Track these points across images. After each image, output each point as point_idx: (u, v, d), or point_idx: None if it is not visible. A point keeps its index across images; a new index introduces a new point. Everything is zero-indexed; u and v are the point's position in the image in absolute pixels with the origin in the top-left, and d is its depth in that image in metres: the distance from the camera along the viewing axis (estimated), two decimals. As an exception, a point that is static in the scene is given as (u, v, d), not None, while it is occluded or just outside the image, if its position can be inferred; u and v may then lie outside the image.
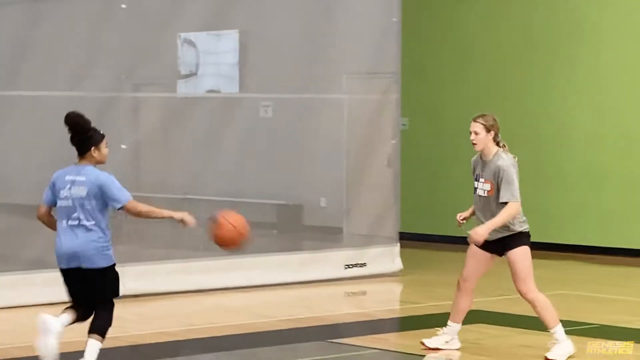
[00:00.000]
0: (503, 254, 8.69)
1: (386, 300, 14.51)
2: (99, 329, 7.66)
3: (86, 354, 7.59)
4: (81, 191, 7.61)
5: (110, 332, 8.23)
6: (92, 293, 7.71)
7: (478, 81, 18.67)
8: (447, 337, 8.92)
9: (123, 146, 13.62)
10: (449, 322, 9.00)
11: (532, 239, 10.69)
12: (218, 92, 16.24)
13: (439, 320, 10.81)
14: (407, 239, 18.21)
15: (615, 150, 17.24)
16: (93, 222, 7.62)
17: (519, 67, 18.09)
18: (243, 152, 15.61)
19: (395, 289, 15.27)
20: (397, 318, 13.10)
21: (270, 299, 13.67)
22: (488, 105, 17.20)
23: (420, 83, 19.21)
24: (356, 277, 15.11)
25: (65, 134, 8.20)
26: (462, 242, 18.62)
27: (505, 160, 8.54)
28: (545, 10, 17.90)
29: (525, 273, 8.48)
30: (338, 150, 16.15)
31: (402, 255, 16.75)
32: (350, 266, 15.17)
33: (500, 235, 8.55)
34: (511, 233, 8.65)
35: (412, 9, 18.69)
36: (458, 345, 8.99)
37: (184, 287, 13.37)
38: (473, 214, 8.97)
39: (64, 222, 7.62)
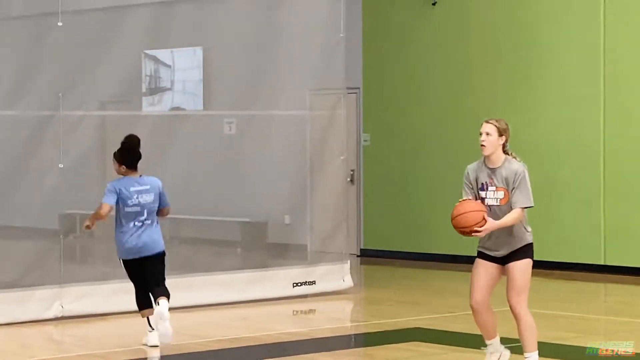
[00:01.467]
0: (505, 264, 8.37)
1: (330, 319, 14.12)
2: (166, 292, 9.80)
3: (163, 310, 9.63)
4: (149, 197, 9.77)
5: (49, 354, 9.95)
6: (157, 272, 9.90)
7: (439, 97, 18.44)
8: (496, 355, 8.61)
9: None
10: (487, 342, 8.64)
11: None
12: (183, 109, 16.50)
13: (378, 338, 11.63)
14: (370, 255, 18.71)
15: (572, 164, 17.08)
16: (154, 220, 9.83)
17: (478, 83, 17.88)
18: (207, 169, 15.63)
19: (344, 306, 14.88)
20: (337, 337, 12.58)
21: (211, 319, 13.39)
22: (448, 121, 18.09)
23: (382, 99, 19.13)
24: (305, 295, 14.94)
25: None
26: (424, 258, 18.87)
27: (521, 165, 8.12)
28: (504, 26, 17.78)
29: (522, 287, 8.18)
30: (302, 167, 16.07)
31: (363, 272, 17.40)
32: (299, 284, 14.94)
33: (512, 250, 8.21)
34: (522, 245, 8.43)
35: (374, 26, 19.04)
36: (508, 353, 8.65)
37: (124, 308, 12.61)
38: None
39: (131, 223, 9.60)
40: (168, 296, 10.06)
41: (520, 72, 17.48)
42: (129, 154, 10.11)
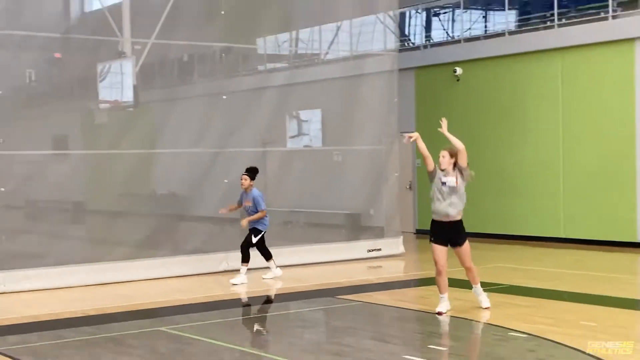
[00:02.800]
0: (456, 246, 10.53)
1: (388, 272, 16.23)
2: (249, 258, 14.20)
3: (241, 275, 13.94)
4: (248, 203, 14.13)
5: (221, 292, 13.19)
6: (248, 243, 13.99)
7: (461, 137, 16.86)
8: (446, 303, 10.59)
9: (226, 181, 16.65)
10: (441, 295, 10.69)
11: (491, 231, 16.73)
12: (310, 146, 19.74)
13: (414, 282, 14.30)
14: (421, 233, 21.05)
15: (536, 173, 19.62)
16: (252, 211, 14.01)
17: (484, 130, 20.40)
18: (325, 183, 18.81)
19: (398, 264, 17.11)
20: (392, 282, 14.62)
21: (319, 271, 15.88)
22: (468, 153, 19.35)
23: (427, 138, 17.97)
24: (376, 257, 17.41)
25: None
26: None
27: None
28: (499, 97, 20.37)
29: (469, 255, 10.59)
30: (378, 180, 18.64)
31: (416, 243, 20.17)
32: (372, 250, 17.60)
33: (455, 220, 10.44)
34: (460, 233, 10.59)
35: (421, 93, 22.19)
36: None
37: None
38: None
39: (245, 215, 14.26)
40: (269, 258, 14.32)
41: (509, 123, 20.17)
42: (255, 174, 14.28)
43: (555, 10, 19.68)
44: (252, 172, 14.26)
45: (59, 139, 17.14)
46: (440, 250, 10.48)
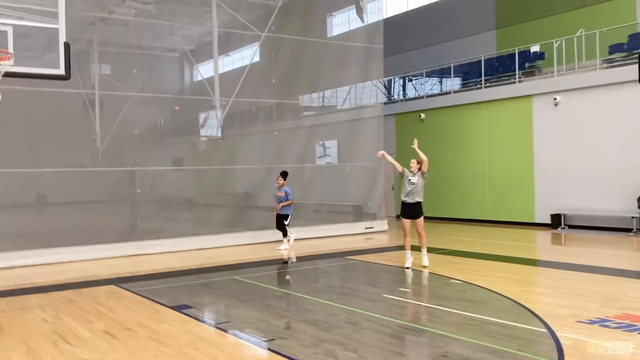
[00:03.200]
0: (416, 218, 10.50)
1: (378, 242, 15.90)
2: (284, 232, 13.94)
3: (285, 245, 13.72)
4: (281, 194, 13.57)
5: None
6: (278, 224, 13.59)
7: (430, 157, 21.28)
8: (410, 259, 10.57)
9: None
10: (408, 252, 10.65)
11: (447, 216, 16.26)
12: (331, 163, 19.79)
13: (394, 248, 14.11)
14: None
15: (471, 178, 19.49)
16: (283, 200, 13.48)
17: (440, 151, 20.11)
18: (339, 186, 18.75)
19: (383, 237, 16.82)
20: (380, 248, 14.84)
21: (331, 242, 15.44)
22: (434, 165, 20.54)
23: (403, 160, 22.49)
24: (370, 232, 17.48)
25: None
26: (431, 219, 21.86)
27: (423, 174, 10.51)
28: (455, 130, 20.08)
29: (423, 228, 10.58)
30: (373, 183, 18.53)
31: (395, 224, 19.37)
32: (368, 228, 17.76)
33: (415, 201, 10.36)
34: (417, 211, 10.42)
35: (400, 130, 21.83)
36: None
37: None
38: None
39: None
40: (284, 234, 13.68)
41: (454, 148, 20.09)
42: (286, 176, 13.81)
43: (483, 77, 19.81)
44: (284, 175, 13.93)
45: (176, 159, 17.43)
46: (405, 222, 10.50)
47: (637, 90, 14.93)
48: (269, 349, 6.15)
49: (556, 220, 17.03)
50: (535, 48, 18.33)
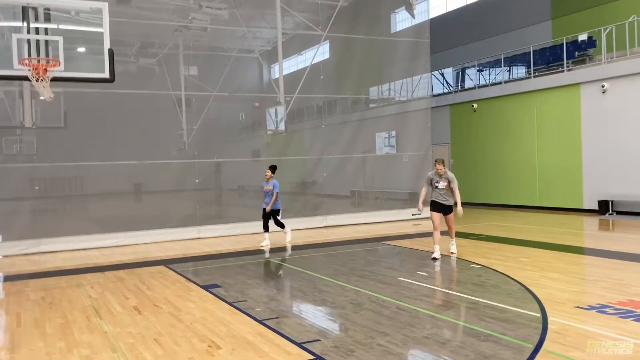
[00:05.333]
0: (446, 214, 9.84)
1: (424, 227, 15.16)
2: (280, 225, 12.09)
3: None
4: (269, 187, 11.73)
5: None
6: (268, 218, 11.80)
7: (476, 145, 20.33)
8: (438, 251, 9.80)
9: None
10: (436, 246, 9.83)
11: (492, 202, 15.70)
12: (389, 153, 19.07)
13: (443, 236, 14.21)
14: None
15: (521, 166, 18.62)
16: (270, 194, 11.65)
17: (494, 143, 19.71)
18: (395, 175, 18.35)
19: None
20: (422, 233, 13.02)
21: (383, 227, 15.21)
22: (485, 153, 19.84)
23: (457, 147, 21.43)
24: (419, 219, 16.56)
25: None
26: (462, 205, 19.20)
27: (452, 174, 9.87)
28: (501, 121, 19.33)
29: (453, 221, 9.96)
30: (424, 173, 17.27)
31: None
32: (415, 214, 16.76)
33: (447, 204, 9.78)
34: (450, 204, 9.80)
35: (455, 120, 21.47)
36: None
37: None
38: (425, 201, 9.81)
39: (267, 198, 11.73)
40: (282, 227, 12.05)
41: (505, 136, 19.39)
42: (275, 170, 11.92)
43: (532, 67, 19.02)
44: (273, 168, 12.10)
45: (254, 151, 17.59)
46: (435, 215, 9.77)
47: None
48: (268, 327, 6.20)
49: (604, 207, 16.18)
50: (582, 36, 17.30)
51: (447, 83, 22.92)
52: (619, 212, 15.99)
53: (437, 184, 9.65)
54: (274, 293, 7.83)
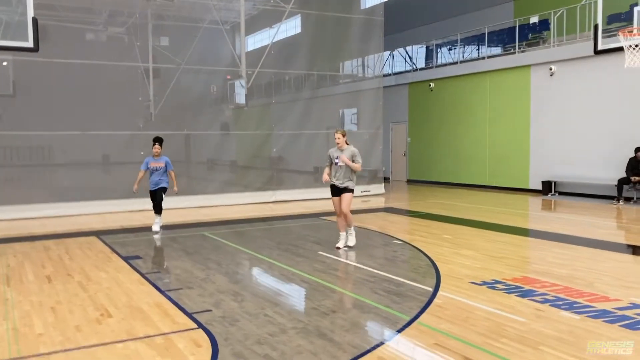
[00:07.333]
0: (340, 195, 8.48)
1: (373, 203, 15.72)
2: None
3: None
4: (161, 164, 10.32)
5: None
6: (160, 199, 10.37)
7: (432, 123, 20.60)
8: (343, 240, 8.71)
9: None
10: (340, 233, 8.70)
11: (445, 180, 15.82)
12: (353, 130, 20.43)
13: (382, 212, 14.31)
14: (411, 181, 21.36)
15: (473, 144, 18.74)
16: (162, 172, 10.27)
17: (453, 124, 19.83)
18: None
19: (379, 200, 16.53)
20: (367, 210, 14.55)
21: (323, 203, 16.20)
22: (441, 132, 20.09)
23: (414, 125, 21.62)
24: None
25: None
26: (415, 183, 20.39)
27: (355, 148, 8.39)
28: (462, 99, 19.23)
29: (349, 203, 8.45)
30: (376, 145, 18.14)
31: (407, 188, 19.84)
32: (364, 191, 17.48)
33: (343, 186, 8.44)
34: (347, 186, 8.43)
35: (413, 98, 21.46)
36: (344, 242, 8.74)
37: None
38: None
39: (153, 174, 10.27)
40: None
41: (459, 115, 19.57)
42: (162, 143, 10.36)
43: (486, 48, 19.16)
44: (159, 141, 10.37)
45: (223, 124, 17.23)
46: (335, 201, 8.57)
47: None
48: (168, 297, 6.31)
49: (547, 187, 16.45)
50: (534, 19, 17.40)
51: (412, 60, 22.91)
52: (561, 193, 16.27)
53: (336, 161, 8.28)
54: (190, 265, 7.92)
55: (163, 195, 10.33)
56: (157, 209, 10.38)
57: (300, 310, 5.78)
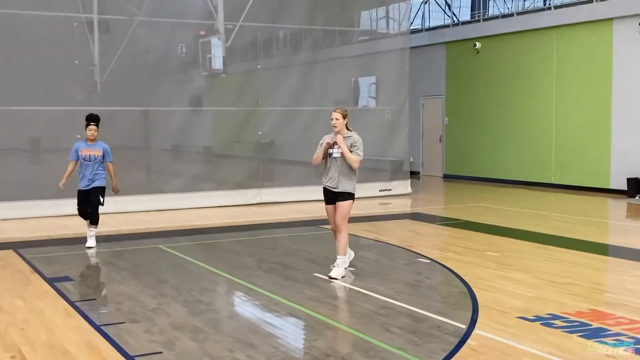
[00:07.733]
0: (335, 203, 8.18)
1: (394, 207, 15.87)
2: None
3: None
4: (98, 152, 10.01)
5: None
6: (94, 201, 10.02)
7: (482, 101, 20.62)
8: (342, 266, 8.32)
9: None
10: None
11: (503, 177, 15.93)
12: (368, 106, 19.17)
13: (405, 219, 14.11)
14: (448, 177, 21.53)
15: (533, 126, 19.17)
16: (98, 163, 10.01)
17: (501, 93, 20.06)
18: (379, 131, 17.73)
19: (402, 202, 16.76)
20: (385, 215, 14.88)
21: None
22: (486, 112, 20.35)
23: (454, 101, 21.70)
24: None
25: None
26: (453, 179, 20.66)
27: (358, 136, 8.13)
28: (511, 65, 19.49)
29: (345, 214, 8.15)
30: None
31: (446, 185, 20.16)
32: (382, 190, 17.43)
33: (339, 191, 8.14)
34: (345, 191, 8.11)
35: (451, 64, 21.86)
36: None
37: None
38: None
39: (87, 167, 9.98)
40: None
41: (514, 86, 19.72)
42: (99, 122, 10.04)
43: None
44: (95, 120, 10.11)
45: (193, 97, 16.96)
46: (329, 210, 8.39)
47: None
48: (104, 334, 6.32)
49: (634, 186, 16.38)
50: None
51: (451, 11, 23.01)
52: (656, 195, 16.19)
53: (331, 151, 8.13)
54: (138, 291, 7.95)
55: (101, 199, 10.09)
56: (93, 217, 10.12)
57: (283, 354, 5.72)
